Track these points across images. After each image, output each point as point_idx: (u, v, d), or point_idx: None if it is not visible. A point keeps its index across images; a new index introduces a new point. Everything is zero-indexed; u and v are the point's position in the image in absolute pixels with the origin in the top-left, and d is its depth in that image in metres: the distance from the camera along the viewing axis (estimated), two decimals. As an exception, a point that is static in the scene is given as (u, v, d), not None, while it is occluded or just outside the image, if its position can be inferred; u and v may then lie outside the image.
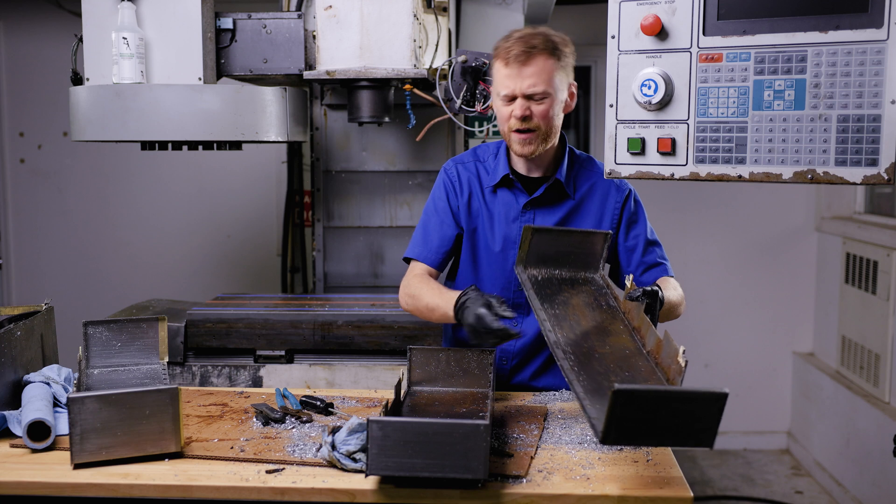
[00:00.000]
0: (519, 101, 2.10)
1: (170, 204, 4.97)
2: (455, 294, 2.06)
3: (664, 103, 1.85)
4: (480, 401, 2.04)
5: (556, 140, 2.21)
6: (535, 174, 2.26)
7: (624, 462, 1.77)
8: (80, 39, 2.76)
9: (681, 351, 1.77)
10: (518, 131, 2.13)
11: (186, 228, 4.97)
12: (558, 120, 2.17)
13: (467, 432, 1.57)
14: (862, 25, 1.67)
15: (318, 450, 1.79)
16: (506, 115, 2.13)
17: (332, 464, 1.71)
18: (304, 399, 2.12)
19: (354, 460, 1.68)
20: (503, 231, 2.27)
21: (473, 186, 2.30)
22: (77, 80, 2.80)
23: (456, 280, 2.39)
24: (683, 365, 1.74)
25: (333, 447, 1.70)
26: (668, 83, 1.83)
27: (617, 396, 1.52)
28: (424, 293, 2.18)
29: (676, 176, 1.87)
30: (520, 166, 2.27)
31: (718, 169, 1.83)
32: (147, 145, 2.78)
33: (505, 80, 2.10)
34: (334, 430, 1.74)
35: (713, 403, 1.54)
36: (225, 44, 2.85)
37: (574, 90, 2.20)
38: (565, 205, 2.26)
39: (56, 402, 2.01)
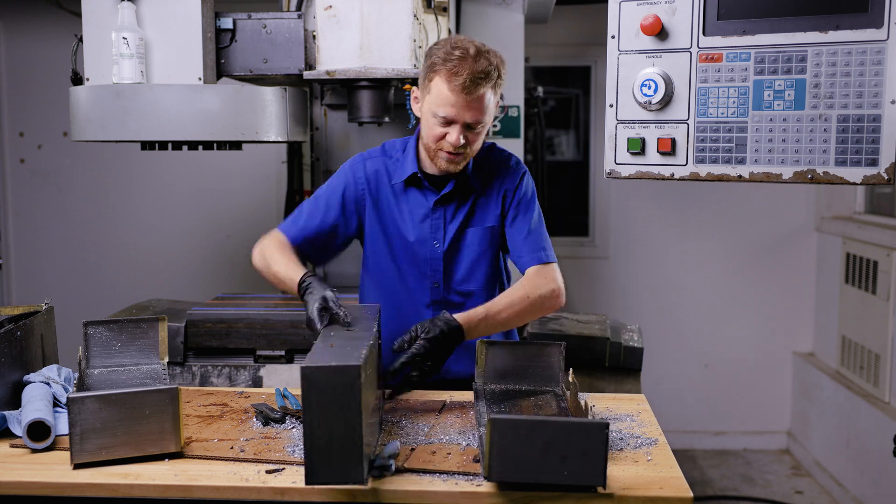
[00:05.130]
0: (457, 128, 2.12)
1: (170, 204, 4.97)
2: (300, 272, 2.12)
3: (664, 103, 1.84)
4: None
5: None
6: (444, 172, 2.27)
7: (624, 462, 1.77)
8: (80, 39, 2.75)
9: (584, 402, 1.81)
10: (448, 152, 2.16)
11: (186, 228, 4.97)
12: (483, 139, 2.22)
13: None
14: (862, 25, 1.67)
15: None
16: (438, 134, 2.15)
17: None
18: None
19: None
20: (416, 231, 2.29)
21: (382, 182, 2.31)
22: (77, 80, 2.80)
23: (375, 272, 2.37)
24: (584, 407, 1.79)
25: None
26: (668, 83, 1.83)
27: (494, 425, 1.52)
28: (277, 260, 2.22)
29: (676, 176, 1.87)
30: (429, 165, 2.27)
31: (718, 169, 1.83)
32: (147, 145, 2.77)
33: (447, 106, 2.09)
34: None
35: (596, 434, 1.54)
36: (225, 44, 2.85)
37: (497, 108, 2.23)
38: (472, 197, 2.28)
39: (56, 402, 2.01)
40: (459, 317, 2.09)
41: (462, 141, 2.13)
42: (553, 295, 2.22)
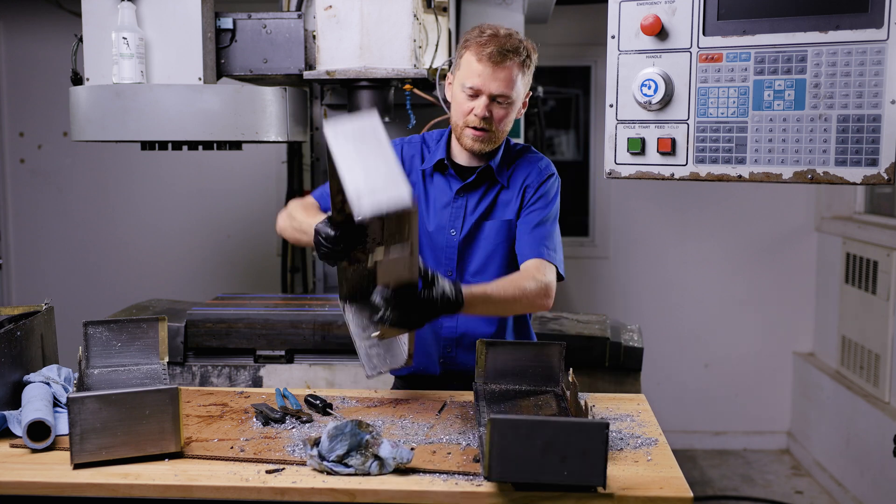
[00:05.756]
0: (483, 100, 2.14)
1: (170, 204, 4.97)
2: (322, 216, 2.07)
3: (664, 103, 1.85)
4: None
5: (503, 140, 2.27)
6: (473, 164, 2.28)
7: (624, 462, 1.77)
8: (80, 39, 2.75)
9: (584, 403, 1.81)
10: (474, 128, 2.18)
11: (186, 228, 4.97)
12: (511, 125, 2.23)
13: None
14: (862, 25, 1.68)
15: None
16: (466, 109, 2.18)
17: (326, 472, 1.70)
18: (307, 398, 2.12)
19: (347, 465, 1.68)
20: (437, 218, 2.30)
21: (414, 167, 2.33)
22: (77, 80, 2.80)
23: None
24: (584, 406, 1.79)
25: (322, 458, 1.69)
26: (668, 83, 1.83)
27: (494, 425, 1.53)
28: (301, 217, 2.21)
29: (676, 176, 1.87)
30: (459, 157, 2.29)
31: (718, 169, 1.83)
32: (147, 145, 2.78)
33: (475, 76, 2.14)
34: (316, 442, 1.73)
35: (596, 434, 1.54)
36: (225, 44, 2.85)
37: (527, 99, 2.26)
38: (493, 191, 2.29)
39: (56, 402, 2.01)
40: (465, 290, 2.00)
41: (487, 113, 2.14)
42: (541, 293, 2.14)
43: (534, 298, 2.15)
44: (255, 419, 2.01)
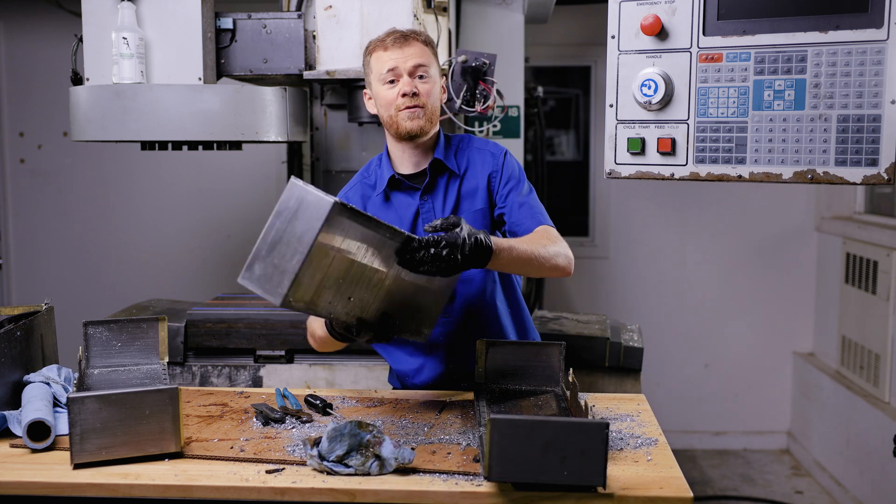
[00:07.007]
0: (405, 79, 2.17)
1: (170, 204, 4.97)
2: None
3: (664, 103, 1.84)
4: None
5: (437, 125, 2.27)
6: (421, 167, 2.27)
7: (624, 462, 1.77)
8: (80, 39, 2.76)
9: (584, 403, 1.81)
10: (407, 107, 2.18)
11: (186, 228, 4.97)
12: (439, 103, 2.25)
13: None
14: (862, 25, 1.67)
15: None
16: (391, 97, 2.18)
17: (326, 472, 1.70)
18: (307, 398, 2.12)
19: (347, 465, 1.68)
20: (411, 230, 2.27)
21: (368, 203, 2.31)
22: (77, 80, 2.80)
23: None
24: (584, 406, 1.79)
25: (322, 458, 1.70)
26: (668, 83, 1.83)
27: (494, 425, 1.53)
28: (309, 323, 2.25)
29: (676, 176, 1.87)
30: (404, 166, 2.27)
31: (718, 169, 1.83)
32: (147, 145, 2.78)
33: (387, 62, 2.17)
34: (316, 443, 1.73)
35: (596, 434, 1.54)
36: (225, 44, 2.85)
37: (443, 86, 2.30)
38: (453, 184, 2.27)
39: (56, 402, 2.01)
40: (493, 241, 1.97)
41: (414, 88, 2.16)
42: (567, 258, 2.21)
43: (556, 257, 2.17)
44: (255, 419, 2.01)
